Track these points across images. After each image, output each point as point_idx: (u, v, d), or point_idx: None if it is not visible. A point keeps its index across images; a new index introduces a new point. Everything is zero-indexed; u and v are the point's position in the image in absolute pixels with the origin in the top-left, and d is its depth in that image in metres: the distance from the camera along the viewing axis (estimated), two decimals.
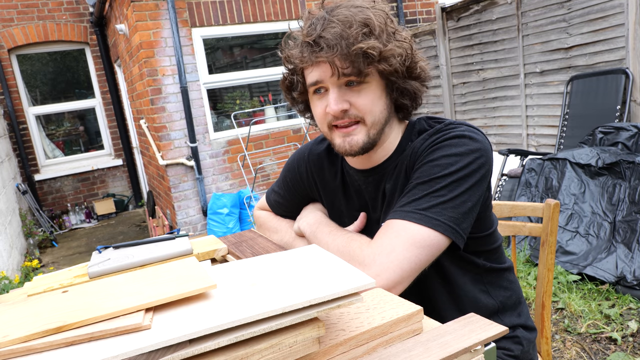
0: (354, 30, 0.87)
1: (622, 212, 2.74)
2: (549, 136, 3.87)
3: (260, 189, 4.73)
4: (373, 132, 0.95)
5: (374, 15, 0.90)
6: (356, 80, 0.91)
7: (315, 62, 0.91)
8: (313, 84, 0.95)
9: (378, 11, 0.91)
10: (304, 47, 0.91)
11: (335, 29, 0.87)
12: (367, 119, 0.94)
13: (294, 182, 1.21)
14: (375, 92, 0.94)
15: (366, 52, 0.87)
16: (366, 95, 0.93)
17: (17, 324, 0.56)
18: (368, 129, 0.95)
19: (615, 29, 3.20)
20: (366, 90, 0.93)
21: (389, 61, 0.90)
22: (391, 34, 0.91)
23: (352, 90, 0.92)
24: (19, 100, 6.35)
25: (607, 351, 2.18)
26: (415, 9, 5.54)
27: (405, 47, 0.92)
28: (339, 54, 0.87)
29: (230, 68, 4.91)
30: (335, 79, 0.91)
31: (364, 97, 0.93)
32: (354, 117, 0.94)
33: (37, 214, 6.03)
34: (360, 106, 0.93)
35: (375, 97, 0.94)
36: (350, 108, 0.93)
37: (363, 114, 0.93)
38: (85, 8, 6.49)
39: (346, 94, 0.93)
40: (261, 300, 0.57)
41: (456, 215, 0.87)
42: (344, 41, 0.86)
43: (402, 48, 0.92)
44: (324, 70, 0.91)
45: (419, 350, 0.60)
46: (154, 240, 1.04)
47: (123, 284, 0.67)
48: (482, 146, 0.91)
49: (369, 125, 0.94)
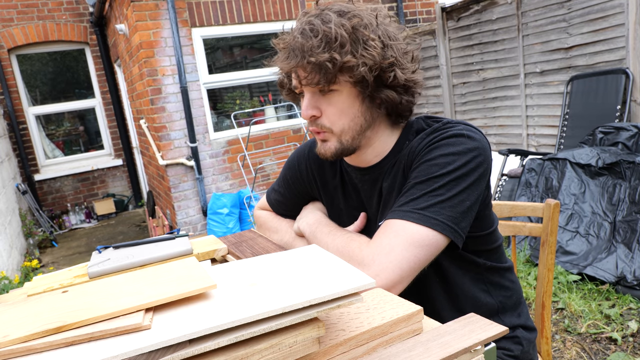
0: (314, 42, 0.88)
1: (622, 212, 2.74)
2: (549, 136, 3.87)
3: (260, 189, 4.73)
4: (346, 138, 0.97)
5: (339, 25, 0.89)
6: (323, 88, 0.93)
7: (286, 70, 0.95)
8: (294, 87, 0.98)
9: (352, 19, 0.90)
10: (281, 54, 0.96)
11: (298, 40, 0.90)
12: (334, 129, 0.96)
13: (295, 180, 1.21)
14: (346, 101, 0.94)
15: (321, 64, 0.88)
16: (335, 103, 0.95)
17: (17, 324, 0.56)
18: (338, 137, 0.97)
19: (616, 29, 3.20)
20: (336, 98, 0.94)
21: (350, 72, 0.90)
22: (359, 43, 0.90)
23: (324, 98, 0.95)
24: (19, 100, 6.35)
25: (607, 351, 2.18)
26: (415, 9, 5.54)
27: (376, 55, 0.90)
28: (300, 65, 0.90)
29: (230, 68, 4.91)
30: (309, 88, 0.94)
31: (332, 106, 0.95)
32: (321, 126, 0.96)
33: (37, 214, 6.03)
34: (329, 115, 0.95)
35: (345, 106, 0.95)
36: (321, 116, 0.96)
37: (330, 124, 0.96)
38: (85, 8, 6.49)
39: (318, 100, 0.95)
40: (261, 300, 0.57)
41: (455, 215, 0.87)
42: (302, 52, 0.89)
43: (370, 58, 0.89)
44: (295, 78, 0.95)
45: (419, 350, 0.60)
46: (154, 240, 1.04)
47: (123, 284, 0.67)
48: (480, 145, 0.91)
49: (338, 134, 0.96)
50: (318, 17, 0.92)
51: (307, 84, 0.93)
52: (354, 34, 0.90)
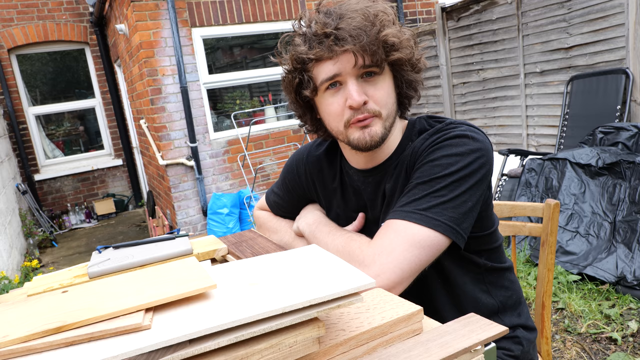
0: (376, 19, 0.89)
1: (622, 212, 2.74)
2: (549, 136, 3.87)
3: (260, 189, 4.73)
4: (387, 124, 0.95)
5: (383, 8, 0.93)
6: (375, 71, 0.91)
7: (336, 54, 0.89)
8: (329, 78, 0.92)
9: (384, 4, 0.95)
10: (318, 42, 0.90)
11: (355, 20, 0.88)
12: (383, 112, 0.94)
13: (293, 183, 1.20)
14: (389, 85, 0.95)
15: (388, 41, 0.89)
16: (382, 87, 0.93)
17: (17, 324, 0.56)
18: (384, 121, 0.94)
19: (616, 28, 3.20)
20: (381, 82, 0.93)
21: (404, 51, 0.92)
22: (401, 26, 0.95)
23: (369, 83, 0.92)
24: (19, 100, 6.35)
25: (607, 351, 2.18)
26: (415, 9, 5.54)
27: (414, 38, 0.96)
28: (363, 43, 0.87)
29: (230, 68, 4.91)
30: (356, 70, 0.90)
31: (380, 90, 0.93)
32: (372, 111, 0.92)
33: (37, 214, 6.03)
34: (378, 99, 0.93)
35: (389, 90, 0.95)
36: (369, 101, 0.92)
37: (380, 107, 0.93)
38: (85, 8, 6.49)
39: (363, 86, 0.92)
40: (261, 300, 0.57)
41: (456, 216, 0.87)
42: (368, 30, 0.87)
43: (412, 39, 0.95)
44: (344, 62, 0.89)
45: (419, 350, 0.60)
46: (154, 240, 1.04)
47: (123, 284, 0.67)
48: (483, 146, 0.91)
49: (385, 117, 0.94)
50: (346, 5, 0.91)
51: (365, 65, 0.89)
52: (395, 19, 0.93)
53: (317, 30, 0.90)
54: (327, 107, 0.96)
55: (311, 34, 0.91)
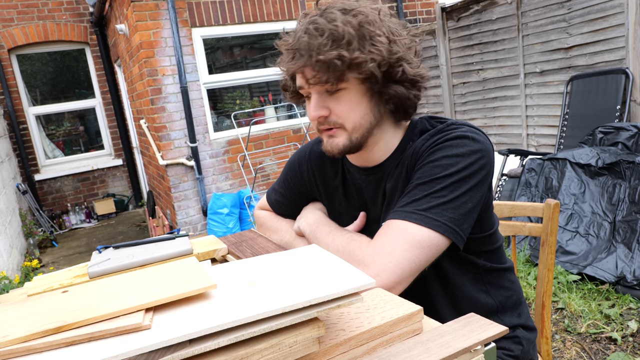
0: (320, 41, 0.88)
1: (622, 212, 2.74)
2: (549, 136, 3.87)
3: (260, 189, 4.73)
4: (355, 136, 0.96)
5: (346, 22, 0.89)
6: (331, 88, 0.92)
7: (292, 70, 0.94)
8: (300, 88, 0.97)
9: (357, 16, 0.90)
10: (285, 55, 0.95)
11: (304, 40, 0.90)
12: (346, 125, 0.95)
13: (295, 180, 1.21)
14: (354, 98, 0.94)
15: (329, 62, 0.88)
16: (345, 101, 0.94)
17: (17, 324, 0.56)
18: (349, 133, 0.96)
19: (615, 28, 3.20)
20: (345, 96, 0.93)
21: (358, 68, 0.89)
22: (366, 40, 0.90)
23: (332, 97, 0.94)
24: (19, 100, 6.34)
25: (607, 351, 2.18)
26: (415, 9, 5.54)
27: (384, 51, 0.90)
28: (307, 64, 0.90)
29: (230, 68, 4.91)
30: (317, 88, 0.93)
31: (342, 104, 0.94)
32: (334, 123, 0.95)
33: (37, 214, 6.03)
34: (339, 113, 0.94)
35: (354, 103, 0.94)
36: (330, 114, 0.95)
37: (342, 121, 0.95)
38: (85, 8, 6.49)
39: (326, 100, 0.94)
40: (261, 300, 0.57)
41: (456, 216, 0.87)
42: (310, 52, 0.89)
43: (378, 54, 0.90)
44: (301, 78, 0.94)
45: (419, 350, 0.60)
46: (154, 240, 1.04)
47: (123, 284, 0.67)
48: (484, 147, 0.91)
49: (350, 130, 0.95)
50: (321, 16, 0.91)
51: (316, 83, 0.92)
52: (360, 30, 0.89)
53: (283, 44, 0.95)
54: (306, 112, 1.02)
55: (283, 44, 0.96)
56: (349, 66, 0.89)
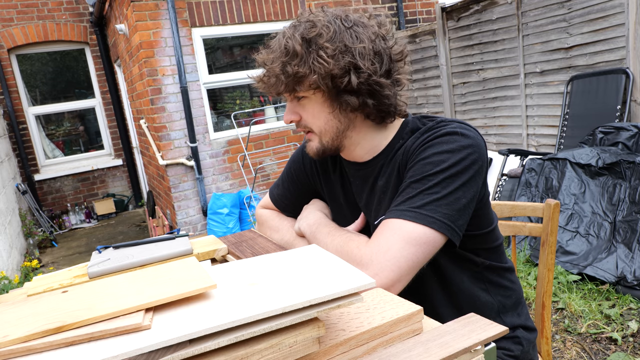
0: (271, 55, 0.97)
1: (623, 212, 2.74)
2: (549, 136, 3.87)
3: (260, 189, 4.73)
4: (325, 139, 1.02)
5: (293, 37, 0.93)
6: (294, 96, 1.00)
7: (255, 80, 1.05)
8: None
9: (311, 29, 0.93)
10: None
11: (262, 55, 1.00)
12: (314, 129, 1.02)
13: (298, 173, 1.23)
14: (315, 106, 0.99)
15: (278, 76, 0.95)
16: (308, 109, 1.00)
17: (17, 324, 0.56)
18: (319, 137, 1.02)
19: (616, 28, 3.20)
20: (307, 104, 1.00)
21: (304, 80, 0.94)
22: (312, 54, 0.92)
23: (299, 104, 1.01)
24: (19, 100, 6.34)
25: (607, 351, 2.18)
26: (415, 9, 5.54)
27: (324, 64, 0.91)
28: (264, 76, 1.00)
29: (230, 68, 4.91)
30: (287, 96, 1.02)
31: (306, 111, 1.01)
32: (304, 127, 1.03)
33: (37, 214, 6.03)
34: (305, 118, 1.01)
35: (316, 110, 0.99)
36: (301, 119, 1.02)
37: (310, 125, 1.02)
38: (85, 8, 6.49)
39: (296, 106, 1.02)
40: (261, 300, 0.57)
41: (451, 212, 0.87)
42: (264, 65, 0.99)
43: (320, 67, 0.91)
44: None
45: (419, 350, 0.60)
46: (154, 240, 1.04)
47: (123, 284, 0.67)
48: (474, 142, 0.92)
49: (318, 134, 1.01)
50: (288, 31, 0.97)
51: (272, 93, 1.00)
52: (307, 44, 0.93)
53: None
54: None
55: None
56: (295, 80, 0.95)
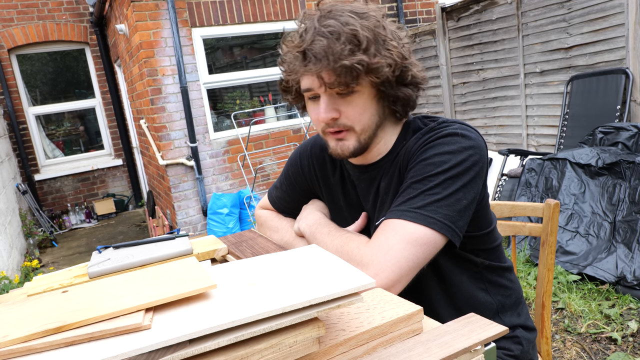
0: (340, 45, 0.87)
1: (622, 212, 2.74)
2: (549, 136, 3.87)
3: (260, 189, 4.73)
4: (364, 137, 0.97)
5: (362, 27, 0.89)
6: (345, 90, 0.92)
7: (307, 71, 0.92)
8: (306, 90, 0.96)
9: (370, 20, 0.91)
10: (294, 56, 0.93)
11: (322, 43, 0.88)
12: (356, 127, 0.96)
13: (297, 175, 1.22)
14: (366, 101, 0.95)
15: (352, 67, 0.87)
16: (356, 104, 0.94)
17: (17, 324, 0.56)
18: (358, 135, 0.97)
19: (616, 28, 3.20)
20: (356, 99, 0.94)
21: (376, 73, 0.90)
22: (381, 44, 0.91)
23: (342, 99, 0.94)
24: (19, 100, 6.34)
25: (607, 351, 2.18)
26: (415, 9, 5.54)
27: (395, 56, 0.92)
28: (325, 68, 0.89)
29: (230, 68, 4.91)
30: (328, 90, 0.92)
31: (353, 106, 0.94)
32: (343, 125, 0.95)
33: (37, 214, 6.03)
34: (350, 115, 0.94)
35: (365, 106, 0.95)
36: (340, 116, 0.94)
37: (352, 123, 0.95)
38: (85, 8, 6.49)
39: (336, 102, 0.94)
40: (261, 300, 0.57)
41: (451, 213, 0.87)
42: (331, 56, 0.87)
43: (392, 58, 0.91)
44: (313, 80, 0.93)
45: (419, 350, 0.60)
46: (154, 240, 1.04)
47: (123, 284, 0.67)
48: (475, 143, 0.92)
49: (359, 132, 0.96)
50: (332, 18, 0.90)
51: (332, 87, 0.91)
52: (375, 34, 0.90)
53: (293, 45, 0.93)
54: (310, 113, 1.02)
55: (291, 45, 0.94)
56: (367, 71, 0.89)
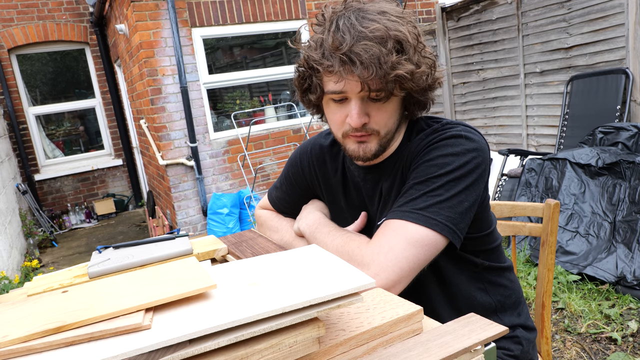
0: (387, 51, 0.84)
1: (622, 212, 2.74)
2: (549, 136, 3.87)
3: (260, 189, 4.73)
4: (385, 140, 0.96)
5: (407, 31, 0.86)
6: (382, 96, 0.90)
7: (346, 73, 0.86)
8: (335, 92, 0.92)
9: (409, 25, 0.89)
10: (332, 58, 0.87)
11: (371, 49, 0.83)
12: (381, 132, 0.95)
13: (297, 176, 1.21)
14: (395, 107, 0.94)
15: (400, 76, 0.85)
16: (386, 109, 0.93)
17: (17, 324, 0.56)
18: (380, 139, 0.96)
19: (615, 28, 3.20)
20: (388, 105, 0.93)
21: (418, 81, 0.89)
22: (420, 52, 0.89)
23: (374, 105, 0.92)
24: (19, 100, 6.34)
25: (607, 351, 2.18)
26: (415, 9, 5.54)
27: (431, 64, 0.92)
28: (374, 77, 0.84)
29: (230, 68, 4.91)
30: (362, 93, 0.89)
31: (383, 112, 0.93)
32: (370, 130, 0.94)
33: (37, 214, 6.03)
34: (378, 120, 0.93)
35: (393, 111, 0.95)
36: (369, 122, 0.93)
37: (379, 128, 0.94)
38: (85, 8, 6.49)
39: (367, 107, 0.92)
40: (261, 300, 0.57)
41: (453, 215, 0.87)
42: (381, 64, 0.83)
43: (428, 66, 0.91)
44: (352, 85, 0.88)
45: (419, 350, 0.60)
46: (154, 240, 1.04)
47: (123, 284, 0.67)
48: (479, 146, 0.92)
49: (382, 136, 0.95)
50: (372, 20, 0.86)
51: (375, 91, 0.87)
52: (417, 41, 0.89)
53: (331, 44, 0.86)
54: (330, 114, 0.98)
55: (328, 44, 0.87)
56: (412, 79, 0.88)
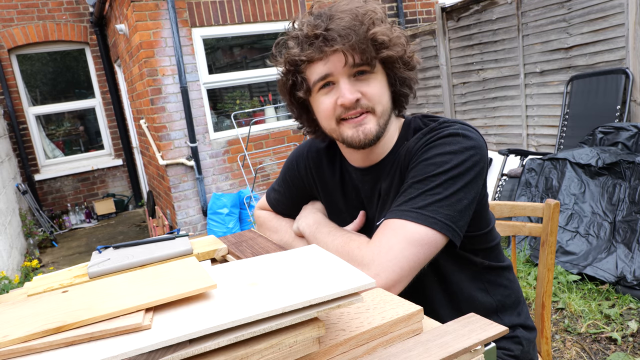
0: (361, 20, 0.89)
1: (622, 212, 2.74)
2: (549, 136, 3.87)
3: (260, 189, 4.73)
4: (382, 121, 0.96)
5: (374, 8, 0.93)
6: (366, 69, 0.93)
7: (326, 54, 0.91)
8: (321, 78, 0.94)
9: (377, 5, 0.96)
10: (309, 43, 0.92)
11: (344, 20, 0.89)
12: (377, 108, 0.95)
13: (294, 179, 1.21)
14: (382, 82, 0.96)
15: (377, 39, 0.89)
16: (374, 84, 0.94)
17: (17, 324, 0.56)
18: (378, 118, 0.96)
19: (616, 29, 3.20)
20: (374, 80, 0.94)
21: (395, 48, 0.93)
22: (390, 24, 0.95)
23: (361, 81, 0.94)
24: (19, 100, 6.34)
25: (607, 351, 2.18)
26: (415, 9, 5.54)
27: (405, 36, 0.97)
28: (352, 42, 0.88)
29: (230, 68, 4.91)
30: (347, 69, 0.92)
31: (373, 87, 0.94)
32: (365, 107, 0.94)
33: (37, 214, 6.03)
34: (371, 96, 0.94)
35: (382, 87, 0.96)
36: (362, 98, 0.93)
37: (373, 104, 0.94)
38: (85, 8, 6.49)
39: (356, 84, 0.93)
40: (261, 300, 0.57)
41: (452, 213, 0.87)
42: (357, 31, 0.89)
43: (403, 36, 0.96)
44: (335, 62, 0.91)
45: (419, 350, 0.60)
46: (154, 240, 1.04)
47: (123, 284, 0.67)
48: (476, 144, 0.92)
49: (379, 114, 0.96)
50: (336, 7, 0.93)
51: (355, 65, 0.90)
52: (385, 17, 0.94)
53: (307, 32, 0.91)
54: (320, 106, 0.98)
55: (303, 36, 0.93)
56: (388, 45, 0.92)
